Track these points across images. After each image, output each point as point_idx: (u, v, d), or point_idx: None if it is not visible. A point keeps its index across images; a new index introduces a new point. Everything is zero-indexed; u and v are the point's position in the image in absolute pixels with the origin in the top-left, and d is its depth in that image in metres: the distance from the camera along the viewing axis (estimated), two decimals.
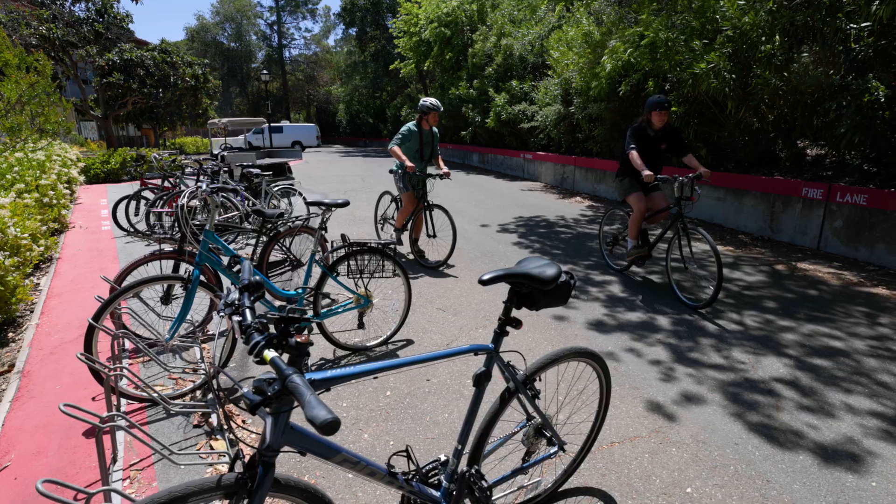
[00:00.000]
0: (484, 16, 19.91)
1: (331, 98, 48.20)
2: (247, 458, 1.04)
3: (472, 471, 1.42)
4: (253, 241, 5.64)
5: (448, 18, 20.44)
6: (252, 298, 1.09)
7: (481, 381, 1.41)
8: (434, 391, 2.70)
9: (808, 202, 6.21)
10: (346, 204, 3.12)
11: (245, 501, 1.00)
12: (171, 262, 2.79)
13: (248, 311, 1.01)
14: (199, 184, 2.93)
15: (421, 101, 5.12)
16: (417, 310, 3.96)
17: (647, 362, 3.09)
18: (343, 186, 12.12)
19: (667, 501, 1.91)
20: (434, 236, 5.26)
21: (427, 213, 5.31)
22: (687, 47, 7.40)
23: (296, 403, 0.96)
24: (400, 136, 5.24)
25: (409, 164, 4.92)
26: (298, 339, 1.01)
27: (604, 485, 2.00)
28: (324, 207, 3.05)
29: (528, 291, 1.42)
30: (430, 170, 5.51)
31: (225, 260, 2.81)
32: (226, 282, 3.65)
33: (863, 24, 5.40)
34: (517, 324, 1.43)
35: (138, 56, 15.68)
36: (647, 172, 4.02)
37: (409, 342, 3.36)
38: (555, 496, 1.92)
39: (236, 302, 1.06)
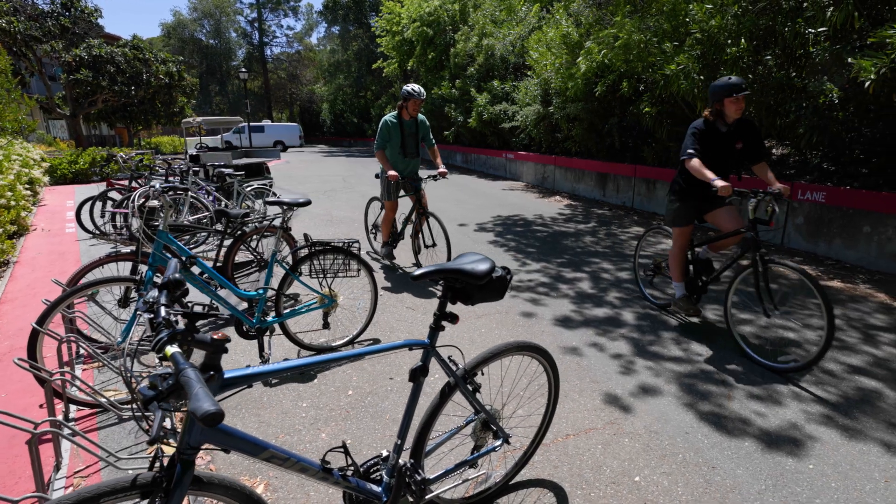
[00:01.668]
0: (466, 16, 19.97)
1: (314, 97, 47.82)
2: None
3: (408, 464, 1.45)
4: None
5: (430, 18, 20.45)
6: (170, 297, 1.10)
7: (417, 375, 1.44)
8: (396, 389, 2.72)
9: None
10: (307, 203, 3.12)
11: (163, 501, 1.01)
12: (129, 264, 2.76)
13: (161, 309, 1.02)
14: (151, 184, 2.90)
15: (403, 88, 4.65)
16: (386, 309, 3.97)
17: (608, 356, 3.15)
18: (323, 187, 12.06)
19: (614, 490, 1.96)
20: (433, 245, 4.95)
21: (423, 220, 4.86)
22: (659, 49, 7.53)
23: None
24: (379, 135, 4.79)
25: (391, 172, 4.57)
26: (215, 337, 1.02)
27: (555, 476, 2.04)
28: (284, 207, 3.05)
29: (461, 287, 1.46)
30: (421, 172, 5.05)
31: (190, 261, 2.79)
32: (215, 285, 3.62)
33: (819, 29, 5.56)
34: (453, 319, 1.47)
35: (108, 52, 15.25)
36: (720, 183, 2.98)
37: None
38: (506, 489, 1.96)
39: (150, 300, 1.07)
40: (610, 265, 5.28)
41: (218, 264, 3.48)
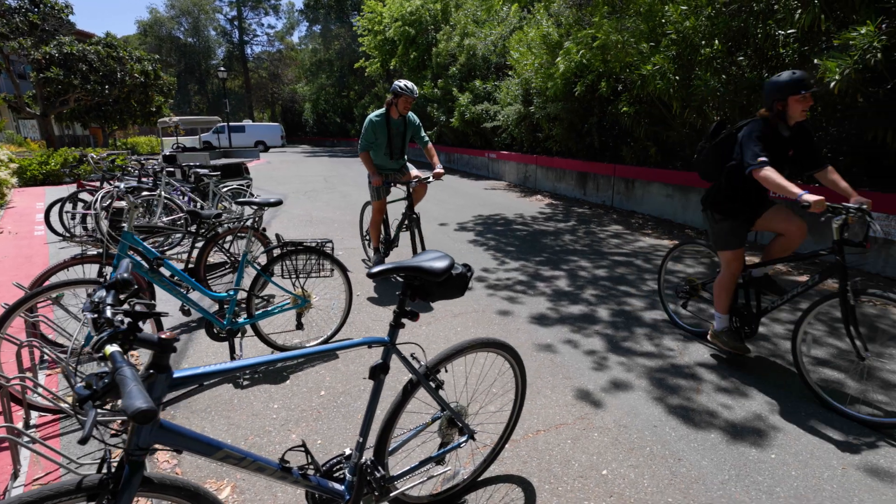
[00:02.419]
0: (448, 15, 19.99)
1: (296, 97, 47.38)
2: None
3: (368, 461, 1.45)
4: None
5: (412, 17, 20.44)
6: (117, 296, 1.08)
7: (377, 373, 1.44)
8: (369, 389, 2.71)
9: None
10: (278, 203, 3.09)
11: (111, 503, 0.99)
12: (97, 267, 2.71)
13: (107, 308, 1.01)
14: (115, 184, 2.85)
15: (394, 84, 4.29)
16: (363, 309, 3.96)
17: (582, 353, 3.19)
18: (304, 187, 11.97)
19: (582, 484, 1.99)
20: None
21: (412, 226, 4.44)
22: (636, 49, 7.63)
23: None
24: (363, 136, 4.46)
25: (375, 177, 4.35)
26: (162, 336, 1.01)
27: (524, 472, 2.06)
28: (255, 207, 3.02)
29: (420, 284, 1.46)
30: (414, 170, 4.65)
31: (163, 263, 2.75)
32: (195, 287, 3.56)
33: (788, 31, 5.69)
34: (413, 316, 1.47)
35: (80, 50, 14.82)
36: (812, 198, 2.43)
37: None
38: (474, 485, 1.97)
39: (97, 300, 1.05)
40: (588, 263, 5.34)
41: (190, 266, 3.43)
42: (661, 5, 7.37)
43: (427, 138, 4.70)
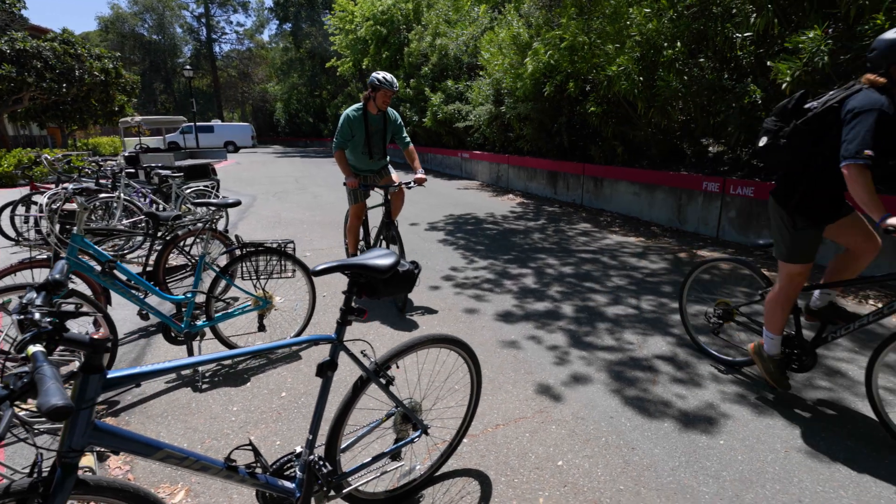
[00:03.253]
0: (419, 15, 19.98)
1: (267, 96, 46.63)
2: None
3: (317, 458, 1.46)
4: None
5: (384, 17, 20.36)
6: (48, 297, 1.06)
7: (324, 370, 1.45)
8: (331, 389, 2.71)
9: (708, 195, 6.70)
10: (236, 204, 3.06)
11: None
12: (46, 271, 2.63)
13: (35, 310, 0.99)
14: (63, 186, 2.78)
15: (372, 76, 3.95)
16: (329, 309, 3.94)
17: (545, 348, 3.25)
18: (274, 188, 11.81)
19: (537, 475, 2.03)
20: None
21: (389, 234, 4.13)
22: (602, 51, 7.79)
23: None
24: (339, 133, 4.07)
25: (349, 179, 3.98)
26: (94, 337, 1.00)
27: (482, 465, 2.09)
28: (213, 208, 2.98)
29: (366, 281, 1.48)
30: (394, 175, 4.40)
31: (116, 267, 2.68)
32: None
33: (745, 34, 5.91)
34: (361, 313, 1.48)
35: (34, 46, 14.20)
36: None
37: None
38: (431, 480, 1.99)
39: (24, 301, 1.03)
40: (555, 261, 5.43)
41: (149, 269, 3.35)
42: (625, 8, 7.54)
43: (408, 139, 4.41)
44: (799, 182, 2.34)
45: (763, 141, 2.37)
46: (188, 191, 6.20)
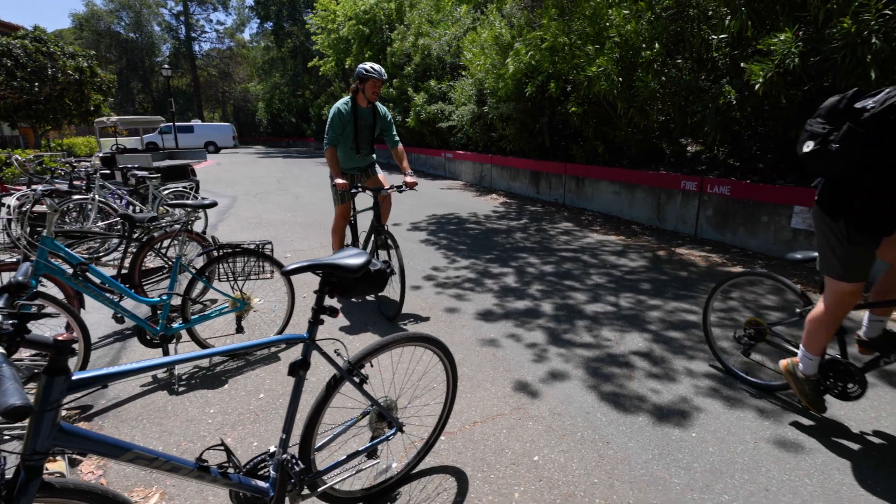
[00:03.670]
0: (402, 15, 19.96)
1: (249, 96, 46.08)
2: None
3: (290, 456, 1.46)
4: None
5: (366, 16, 20.29)
6: (11, 300, 1.05)
7: (296, 369, 1.45)
8: (311, 390, 2.70)
9: (686, 194, 6.83)
10: (212, 204, 3.03)
11: None
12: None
13: None
14: (32, 187, 2.73)
15: (359, 67, 3.82)
16: (307, 311, 3.92)
17: (524, 346, 3.28)
18: (255, 189, 11.70)
19: (513, 471, 2.06)
20: (391, 274, 3.82)
21: (380, 240, 3.88)
22: (582, 51, 7.88)
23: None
24: (330, 127, 3.87)
25: (339, 181, 3.72)
26: (59, 338, 0.99)
27: (459, 462, 2.11)
28: (188, 209, 2.95)
29: (337, 280, 1.49)
30: (382, 177, 4.25)
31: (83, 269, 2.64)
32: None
33: (720, 36, 6.03)
34: (333, 312, 1.49)
35: (3, 44, 13.78)
36: None
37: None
38: (408, 478, 2.01)
39: None
40: (536, 259, 5.48)
41: (124, 271, 3.31)
42: (605, 9, 7.64)
43: (398, 138, 4.22)
44: (854, 190, 2.06)
45: (809, 146, 2.07)
46: (166, 192, 6.11)
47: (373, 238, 3.98)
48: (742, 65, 5.45)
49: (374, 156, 4.31)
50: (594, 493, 1.94)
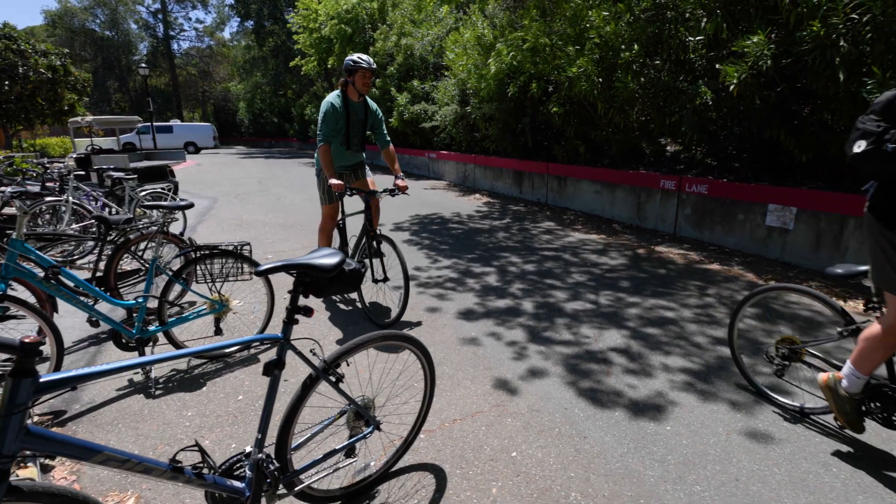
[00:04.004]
0: (385, 15, 19.91)
1: (230, 96, 45.48)
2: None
3: (264, 456, 1.47)
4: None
5: (348, 16, 20.19)
6: None
7: (271, 369, 1.46)
8: (290, 391, 2.70)
9: (665, 193, 6.94)
10: (189, 206, 3.01)
11: None
12: None
13: None
14: (0, 189, 2.68)
15: (346, 59, 3.63)
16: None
17: (504, 344, 3.31)
18: (236, 190, 11.56)
19: (492, 467, 2.09)
20: (384, 280, 3.66)
21: (372, 245, 3.67)
22: (563, 52, 7.97)
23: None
24: (324, 122, 3.62)
25: (334, 181, 3.48)
26: (26, 341, 0.98)
27: (438, 459, 2.13)
28: (164, 210, 2.92)
29: (311, 280, 1.50)
30: (371, 180, 4.11)
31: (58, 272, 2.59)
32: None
33: (697, 38, 6.15)
34: (308, 312, 1.50)
35: None
36: None
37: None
38: (387, 476, 2.02)
39: None
40: (518, 259, 5.52)
41: (99, 274, 3.25)
42: (585, 11, 7.73)
43: (388, 138, 4.05)
44: None
45: (860, 146, 1.88)
46: (143, 193, 6.01)
47: (363, 244, 3.78)
48: (718, 66, 5.57)
49: (364, 154, 4.16)
50: (570, 487, 1.98)
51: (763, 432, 2.35)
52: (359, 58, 3.60)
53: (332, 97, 3.68)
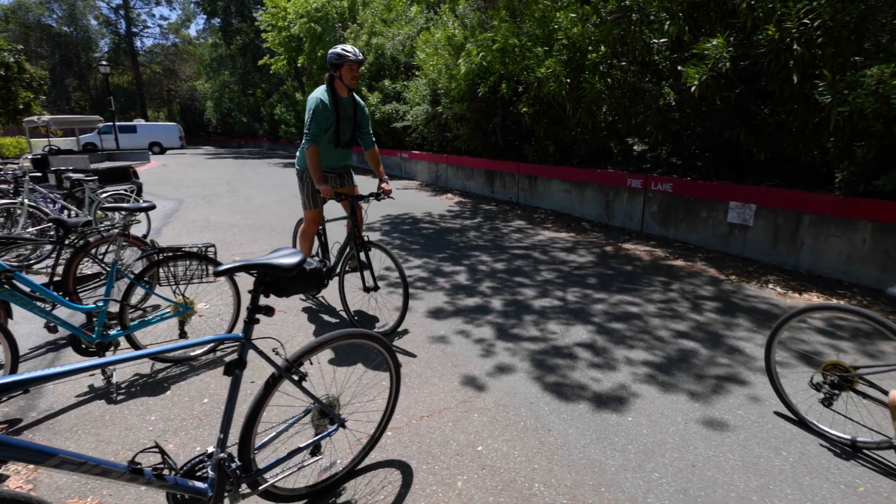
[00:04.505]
0: (355, 13, 19.77)
1: (196, 95, 44.35)
2: None
3: (226, 455, 1.47)
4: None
5: (318, 14, 19.96)
6: None
7: (231, 369, 1.46)
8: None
9: (632, 191, 7.12)
10: (150, 207, 2.95)
11: None
12: None
13: None
14: None
15: (330, 51, 3.37)
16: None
17: (473, 342, 3.36)
18: (204, 191, 11.31)
19: (457, 461, 2.12)
20: (375, 289, 3.49)
21: (360, 253, 3.50)
22: (532, 53, 8.08)
23: None
24: (313, 120, 3.35)
25: (322, 186, 3.30)
26: None
27: (405, 455, 2.16)
28: (124, 212, 2.86)
29: (272, 280, 1.50)
30: (356, 185, 3.97)
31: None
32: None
33: (661, 40, 6.33)
34: (269, 311, 1.51)
35: None
36: None
37: None
38: (354, 473, 2.04)
39: None
40: (488, 257, 5.58)
41: (57, 278, 3.15)
42: (553, 12, 7.86)
43: (373, 138, 3.85)
44: None
45: None
46: (104, 195, 5.83)
47: (349, 252, 3.59)
48: (680, 68, 5.75)
49: (350, 150, 3.87)
50: (534, 478, 2.03)
51: (719, 420, 2.46)
52: (344, 50, 3.32)
53: (321, 93, 3.41)
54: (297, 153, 3.71)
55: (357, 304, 3.94)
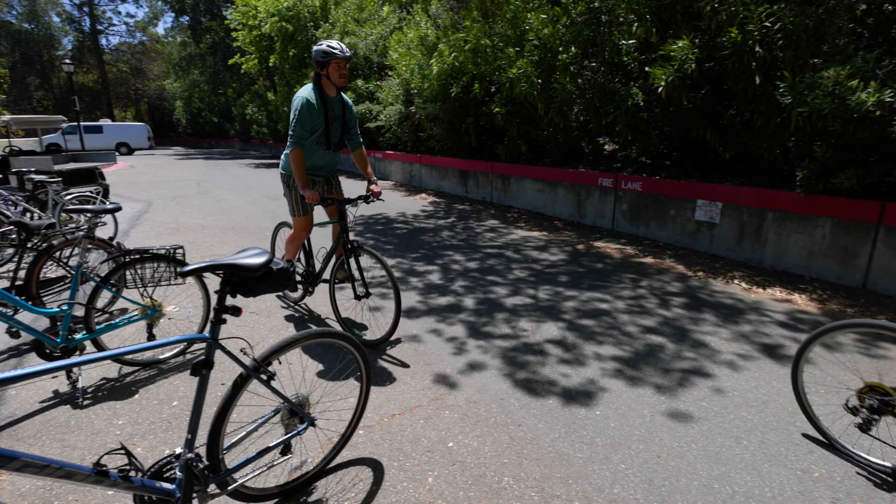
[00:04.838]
0: (327, 13, 19.58)
1: (165, 94, 43.27)
2: None
3: (194, 455, 1.47)
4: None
5: (290, 13, 19.70)
6: None
7: (198, 369, 1.46)
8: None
9: (603, 190, 7.27)
10: (116, 209, 2.89)
11: None
12: None
13: None
14: None
15: (315, 48, 3.19)
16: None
17: (445, 340, 3.39)
18: (173, 192, 11.06)
19: (428, 458, 2.16)
20: (366, 296, 3.32)
21: (350, 259, 3.34)
22: (504, 54, 8.17)
23: None
24: (298, 122, 3.17)
25: (307, 192, 3.15)
26: None
27: (376, 453, 2.18)
28: (89, 215, 2.80)
29: (238, 280, 1.51)
30: (344, 182, 3.94)
31: None
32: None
33: (629, 41, 6.48)
34: (235, 311, 1.51)
35: None
36: None
37: None
38: (326, 472, 2.05)
39: None
40: (461, 257, 5.63)
41: (18, 282, 3.06)
42: (524, 13, 7.96)
43: (361, 139, 3.67)
44: None
45: None
46: (69, 197, 5.66)
47: (336, 262, 3.46)
48: (647, 69, 5.90)
49: (339, 153, 3.67)
50: (504, 472, 2.08)
51: (684, 412, 2.55)
52: (330, 46, 3.12)
53: (307, 92, 3.21)
54: (282, 157, 3.56)
55: (346, 312, 3.85)
